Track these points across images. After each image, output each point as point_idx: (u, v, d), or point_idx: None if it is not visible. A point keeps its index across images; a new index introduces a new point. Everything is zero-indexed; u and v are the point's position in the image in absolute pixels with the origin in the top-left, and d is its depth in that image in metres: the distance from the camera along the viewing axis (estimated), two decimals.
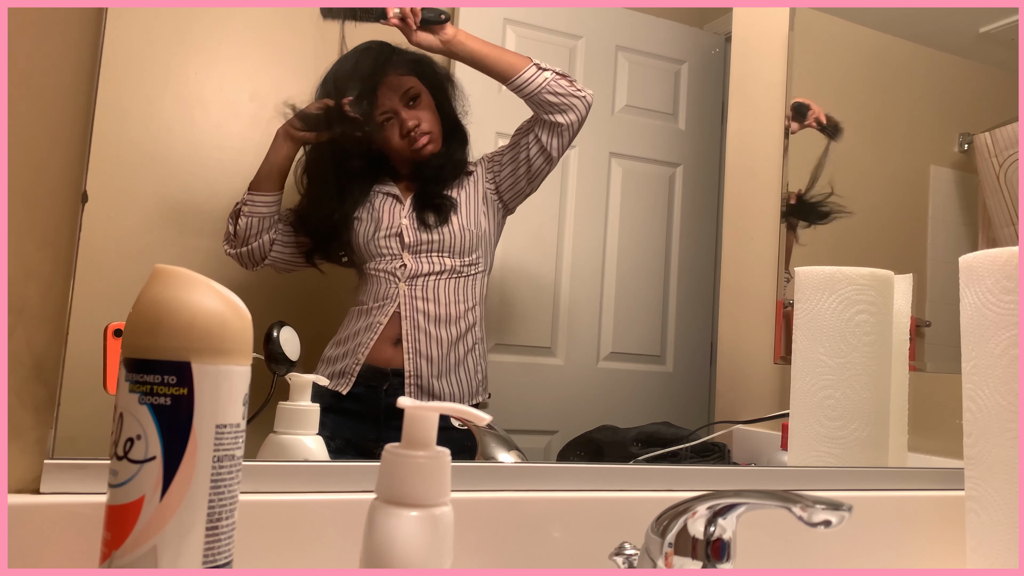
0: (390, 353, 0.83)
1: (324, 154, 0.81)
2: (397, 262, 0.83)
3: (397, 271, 0.83)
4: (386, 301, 0.83)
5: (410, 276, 0.83)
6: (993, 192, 1.19)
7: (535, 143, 0.87)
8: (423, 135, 0.85)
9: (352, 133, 0.82)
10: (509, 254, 0.89)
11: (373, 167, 0.84)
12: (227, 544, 0.48)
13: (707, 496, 0.58)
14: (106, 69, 0.67)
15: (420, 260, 0.84)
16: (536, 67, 0.86)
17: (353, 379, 0.81)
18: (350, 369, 0.82)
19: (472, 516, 0.68)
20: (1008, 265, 0.76)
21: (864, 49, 1.12)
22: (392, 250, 0.83)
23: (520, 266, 0.90)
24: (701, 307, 0.98)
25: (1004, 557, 0.75)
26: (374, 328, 0.82)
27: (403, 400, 0.53)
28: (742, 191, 1.01)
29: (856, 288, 0.92)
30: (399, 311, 0.83)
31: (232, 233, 0.76)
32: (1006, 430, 0.76)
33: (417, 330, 0.84)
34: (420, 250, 0.84)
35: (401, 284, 0.83)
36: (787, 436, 0.95)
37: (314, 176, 0.80)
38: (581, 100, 0.88)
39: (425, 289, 0.84)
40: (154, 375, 0.46)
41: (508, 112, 0.87)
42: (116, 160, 0.70)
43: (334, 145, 0.82)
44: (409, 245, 0.83)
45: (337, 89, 0.81)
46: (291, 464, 0.67)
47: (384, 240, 0.83)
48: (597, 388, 0.92)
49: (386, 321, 0.83)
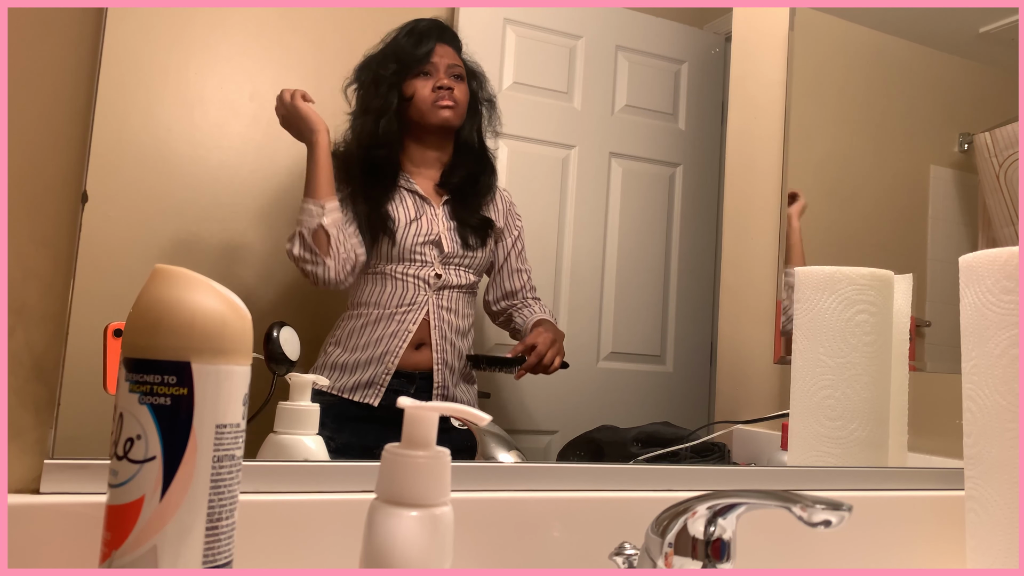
0: (416, 358, 0.83)
1: (352, 150, 0.81)
2: (430, 270, 0.83)
3: (430, 279, 0.83)
4: (412, 307, 0.82)
5: (441, 287, 0.84)
6: (993, 192, 1.19)
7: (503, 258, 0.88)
8: (451, 99, 0.85)
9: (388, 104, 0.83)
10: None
11: (395, 154, 0.84)
12: (227, 544, 0.47)
13: (707, 496, 0.58)
14: (106, 69, 0.67)
15: (450, 272, 0.84)
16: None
17: (384, 388, 0.81)
18: (379, 379, 0.81)
19: (472, 516, 0.68)
20: (1008, 265, 0.76)
21: (864, 49, 1.12)
22: (427, 257, 0.83)
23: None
24: (701, 307, 0.98)
25: (1004, 557, 0.75)
26: (402, 336, 0.82)
27: (403, 400, 0.53)
28: (742, 191, 1.01)
29: (856, 288, 0.92)
30: (428, 319, 0.83)
31: (318, 251, 0.76)
32: (1006, 430, 0.76)
33: (444, 340, 0.84)
34: (453, 263, 0.84)
35: (431, 292, 0.83)
36: (787, 436, 0.95)
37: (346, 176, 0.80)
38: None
39: (450, 300, 0.84)
40: (154, 375, 0.46)
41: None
42: (116, 160, 0.70)
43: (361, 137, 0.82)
44: (448, 255, 0.84)
45: (394, 53, 0.82)
46: (291, 464, 0.67)
47: (421, 247, 0.83)
48: (597, 388, 0.92)
49: (415, 329, 0.82)
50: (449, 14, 0.87)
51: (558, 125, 0.92)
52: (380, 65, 0.82)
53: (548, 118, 0.92)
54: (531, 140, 0.91)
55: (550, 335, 0.86)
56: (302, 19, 0.80)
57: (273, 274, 0.78)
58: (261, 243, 0.77)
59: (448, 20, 0.86)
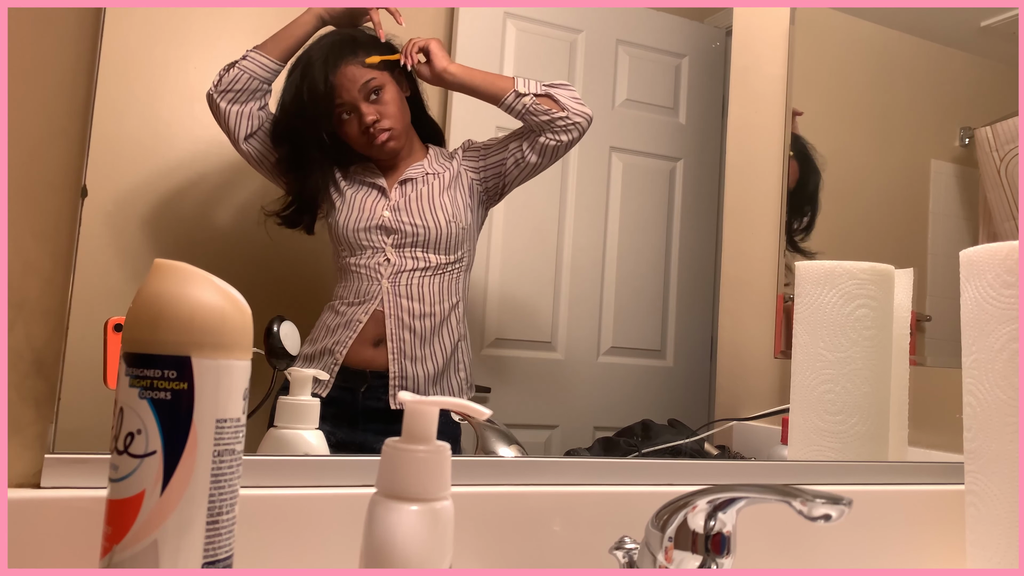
0: (370, 354, 0.81)
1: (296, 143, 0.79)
2: (381, 256, 0.81)
3: (381, 267, 0.81)
4: (367, 298, 0.81)
5: (394, 272, 0.81)
6: (994, 186, 1.19)
7: (528, 150, 0.86)
8: (383, 131, 0.83)
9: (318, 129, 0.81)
10: (509, 249, 0.89)
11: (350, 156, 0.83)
12: (228, 538, 0.48)
13: (707, 490, 0.58)
14: (105, 64, 0.67)
15: (404, 256, 0.82)
16: (515, 94, 0.85)
17: (331, 381, 0.79)
18: (328, 370, 0.79)
19: (472, 510, 0.69)
20: (1008, 259, 0.76)
21: (865, 43, 1.12)
22: (375, 243, 0.81)
23: (520, 261, 0.90)
24: (702, 302, 0.98)
25: (1004, 551, 0.75)
26: (353, 326, 0.80)
27: (403, 395, 0.53)
28: (743, 185, 1.01)
29: (857, 282, 0.92)
30: (382, 309, 0.81)
31: (218, 79, 0.74)
32: (1006, 424, 0.76)
33: (402, 328, 0.81)
34: (405, 243, 0.82)
35: (384, 281, 0.81)
36: (787, 430, 0.95)
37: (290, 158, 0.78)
38: (567, 122, 0.86)
39: (409, 287, 0.82)
40: (154, 370, 0.46)
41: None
42: (116, 155, 0.69)
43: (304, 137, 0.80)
44: (393, 237, 0.81)
45: (303, 79, 0.79)
46: (291, 458, 0.67)
47: (365, 233, 0.81)
48: (597, 383, 0.92)
49: (366, 319, 0.80)
50: (449, 13, 0.86)
51: None
52: (292, 119, 0.79)
53: None
54: None
55: (437, 43, 0.82)
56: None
57: (273, 269, 0.78)
58: (261, 238, 0.77)
59: (448, 19, 0.86)
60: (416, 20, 0.84)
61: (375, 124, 0.82)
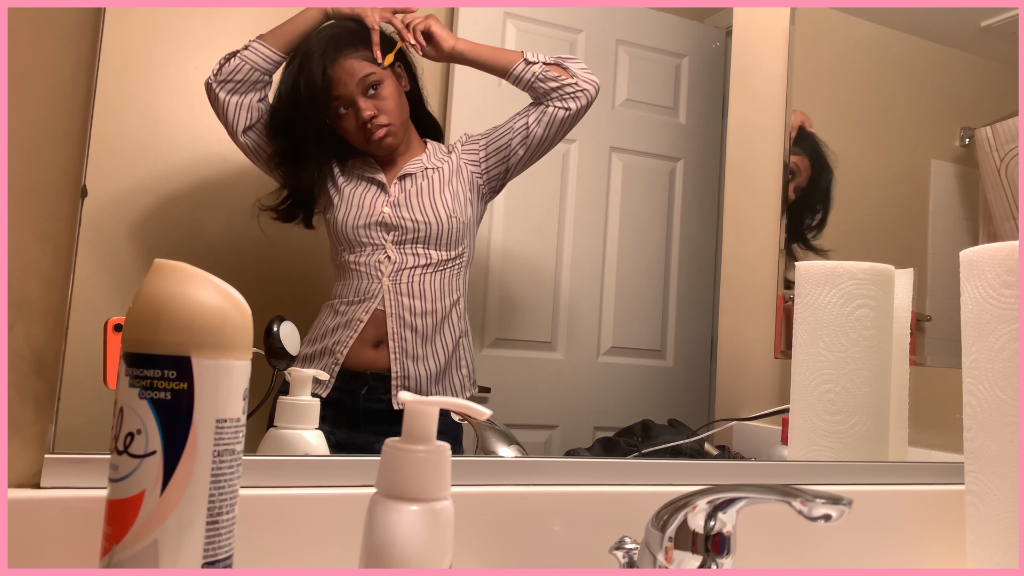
0: (370, 355, 0.80)
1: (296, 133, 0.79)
2: (381, 253, 0.80)
3: (381, 264, 0.80)
4: (368, 297, 0.80)
5: (395, 270, 0.80)
6: (994, 186, 1.19)
7: (535, 123, 0.85)
8: (380, 127, 0.82)
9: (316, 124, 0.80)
10: (509, 248, 0.89)
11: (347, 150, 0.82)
12: (227, 538, 0.48)
13: (707, 490, 0.58)
14: (105, 63, 0.67)
15: (405, 253, 0.81)
16: (524, 62, 0.85)
17: (332, 381, 0.78)
18: (328, 370, 0.79)
19: (472, 510, 0.69)
20: (1009, 259, 0.76)
21: (865, 43, 1.12)
22: (375, 240, 0.80)
23: (520, 260, 0.90)
24: (702, 302, 0.98)
25: (1004, 551, 0.75)
26: (353, 326, 0.79)
27: (403, 395, 0.53)
28: (743, 185, 1.01)
29: (857, 282, 0.92)
30: (383, 308, 0.80)
31: (218, 68, 0.73)
32: (1006, 424, 0.76)
33: (404, 327, 0.81)
34: (406, 240, 0.81)
35: (385, 279, 0.80)
36: (787, 430, 0.95)
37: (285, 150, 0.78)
38: (575, 88, 0.86)
39: (410, 284, 0.81)
40: (154, 370, 0.46)
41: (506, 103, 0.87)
42: (115, 154, 0.69)
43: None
44: (394, 233, 0.80)
45: (301, 69, 0.78)
46: (291, 459, 0.67)
47: (365, 229, 0.80)
48: (597, 383, 0.92)
49: (367, 318, 0.80)
50: (449, 13, 0.86)
51: None
52: (289, 111, 0.78)
53: None
54: None
55: (437, 22, 0.81)
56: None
57: (273, 269, 0.78)
58: (261, 238, 0.77)
59: (448, 19, 0.86)
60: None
61: (372, 120, 0.81)
